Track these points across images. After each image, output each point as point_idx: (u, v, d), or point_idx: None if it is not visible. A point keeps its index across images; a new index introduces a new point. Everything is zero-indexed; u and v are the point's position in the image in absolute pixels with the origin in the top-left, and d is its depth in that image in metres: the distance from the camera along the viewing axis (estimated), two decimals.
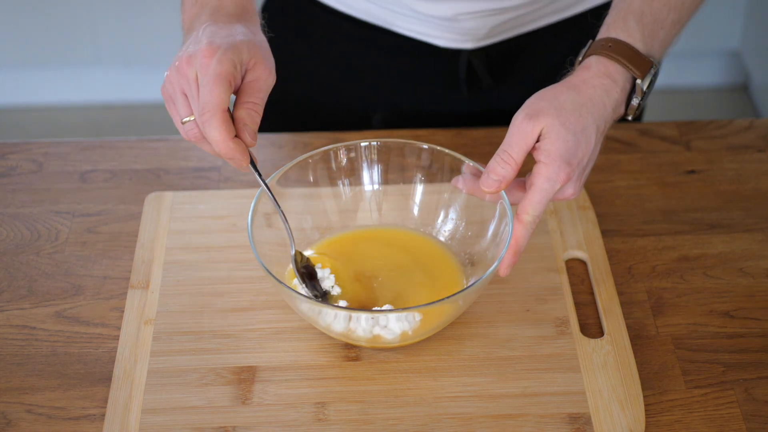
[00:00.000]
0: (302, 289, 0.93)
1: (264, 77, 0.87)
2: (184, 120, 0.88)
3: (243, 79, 0.87)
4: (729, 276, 1.02)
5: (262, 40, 0.90)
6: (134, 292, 0.99)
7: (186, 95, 0.87)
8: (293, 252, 0.94)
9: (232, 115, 0.86)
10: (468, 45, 1.20)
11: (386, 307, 0.93)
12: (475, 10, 1.14)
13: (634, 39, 0.94)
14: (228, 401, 0.90)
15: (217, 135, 0.84)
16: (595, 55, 0.94)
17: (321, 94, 1.29)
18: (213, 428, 0.88)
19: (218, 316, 0.97)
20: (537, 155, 0.89)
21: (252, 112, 0.86)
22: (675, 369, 0.93)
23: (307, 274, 0.95)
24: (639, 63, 0.93)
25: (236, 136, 0.85)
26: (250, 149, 0.88)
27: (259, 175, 0.90)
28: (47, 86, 2.60)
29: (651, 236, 1.06)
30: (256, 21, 0.94)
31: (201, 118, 0.84)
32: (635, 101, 0.95)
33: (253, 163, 0.89)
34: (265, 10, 1.30)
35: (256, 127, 0.86)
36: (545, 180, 0.88)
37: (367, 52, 1.25)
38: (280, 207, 0.93)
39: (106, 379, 0.92)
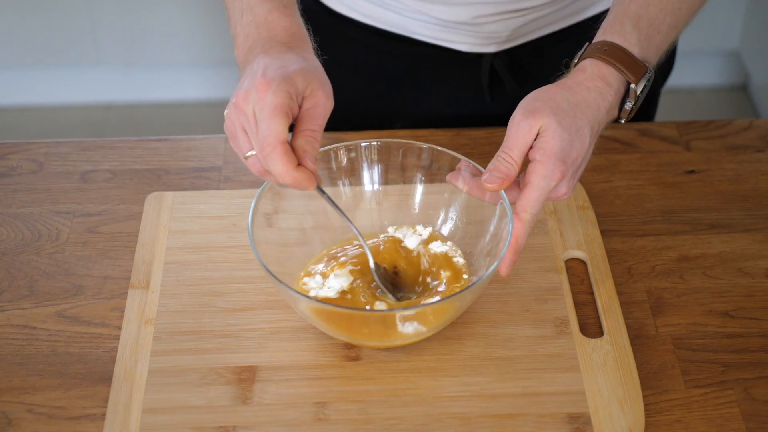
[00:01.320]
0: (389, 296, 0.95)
1: (322, 103, 0.87)
2: (247, 155, 0.88)
3: (301, 106, 0.87)
4: (729, 276, 1.02)
5: (316, 65, 0.91)
6: (134, 292, 0.99)
7: (246, 131, 0.88)
8: (373, 265, 0.95)
9: (291, 144, 0.86)
10: (491, 49, 1.20)
11: (397, 307, 0.93)
12: (493, 12, 1.14)
13: (630, 43, 0.95)
14: (228, 401, 0.90)
15: (281, 167, 0.84)
16: (590, 58, 0.94)
17: (342, 103, 1.29)
18: (213, 428, 0.88)
19: (218, 316, 0.97)
20: (532, 154, 0.90)
21: (311, 139, 0.86)
22: (675, 369, 0.94)
23: (389, 279, 0.96)
24: (634, 67, 0.94)
25: (299, 164, 0.86)
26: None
27: (327, 196, 0.91)
28: (47, 86, 2.60)
29: (651, 236, 1.06)
30: (308, 46, 0.94)
31: (262, 152, 0.85)
32: (628, 105, 0.95)
33: (319, 186, 0.90)
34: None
35: (317, 153, 0.87)
36: (541, 178, 0.89)
37: (387, 60, 1.25)
38: (354, 226, 0.94)
39: (107, 379, 0.93)
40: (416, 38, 1.21)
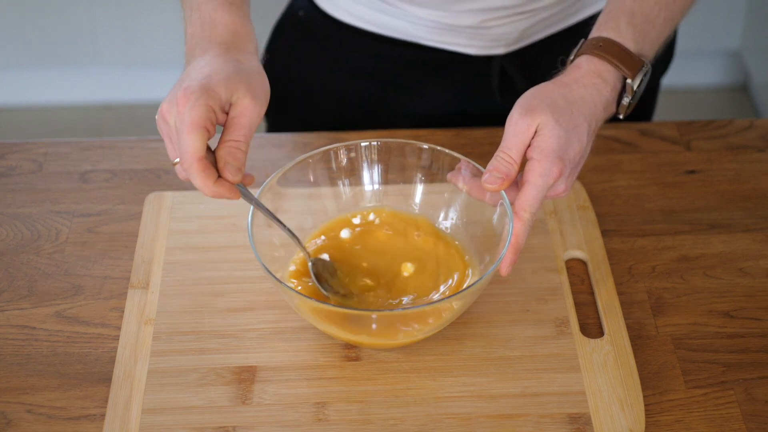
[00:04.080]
0: (322, 289, 0.94)
1: (248, 112, 0.86)
2: (174, 162, 0.89)
3: (228, 113, 0.87)
4: (729, 276, 1.02)
5: (251, 68, 0.89)
6: (134, 292, 0.99)
7: (171, 140, 0.88)
8: (310, 264, 0.95)
9: (216, 154, 0.86)
10: (499, 51, 1.19)
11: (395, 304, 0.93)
12: (500, 15, 1.14)
13: (625, 38, 0.95)
14: (228, 401, 0.90)
15: (199, 182, 0.85)
16: (585, 54, 0.94)
17: (350, 111, 1.29)
18: (213, 428, 0.88)
19: (218, 316, 0.97)
20: (530, 152, 0.90)
21: (233, 149, 0.86)
22: (675, 369, 0.94)
23: (326, 273, 0.96)
24: (630, 63, 0.94)
25: (220, 176, 0.86)
26: (248, 174, 0.89)
27: (256, 201, 0.91)
28: (47, 86, 2.60)
29: (651, 236, 1.06)
30: (249, 46, 0.93)
31: (182, 166, 0.85)
32: (626, 100, 0.95)
33: (245, 193, 0.89)
34: (284, 32, 1.29)
35: (240, 163, 0.86)
36: (539, 176, 0.89)
37: (392, 65, 1.24)
38: (288, 228, 0.93)
39: (106, 379, 0.92)
40: (423, 43, 1.21)
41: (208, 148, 0.86)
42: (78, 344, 0.96)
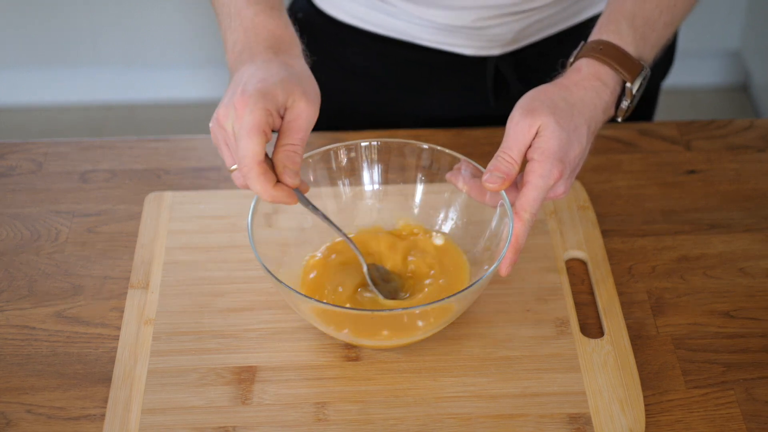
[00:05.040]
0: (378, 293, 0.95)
1: (304, 115, 0.86)
2: (231, 169, 0.89)
3: (284, 117, 0.87)
4: (729, 276, 1.02)
5: (301, 71, 0.90)
6: (134, 292, 0.99)
7: (228, 146, 0.88)
8: (366, 268, 0.95)
9: (272, 159, 0.86)
10: (495, 52, 1.19)
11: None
12: (495, 14, 1.14)
13: (625, 42, 0.95)
14: (228, 401, 0.90)
15: (258, 187, 0.84)
16: (586, 57, 0.94)
17: (343, 108, 1.29)
18: (213, 428, 0.88)
19: (218, 316, 0.97)
20: (530, 153, 0.90)
21: (291, 153, 0.86)
22: (675, 369, 0.93)
23: (381, 278, 0.96)
24: (629, 66, 0.94)
25: (279, 181, 0.86)
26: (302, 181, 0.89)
27: (313, 207, 0.91)
28: (47, 86, 2.60)
29: (651, 236, 1.06)
30: (296, 49, 0.93)
31: (241, 171, 0.85)
32: (625, 104, 0.95)
33: (303, 198, 0.89)
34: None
35: (297, 167, 0.86)
36: (539, 177, 0.89)
37: (389, 65, 1.24)
38: (344, 233, 0.94)
39: (106, 379, 0.92)
40: (418, 43, 1.21)
41: (266, 154, 0.85)
42: (78, 344, 0.96)
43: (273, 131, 0.87)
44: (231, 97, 0.87)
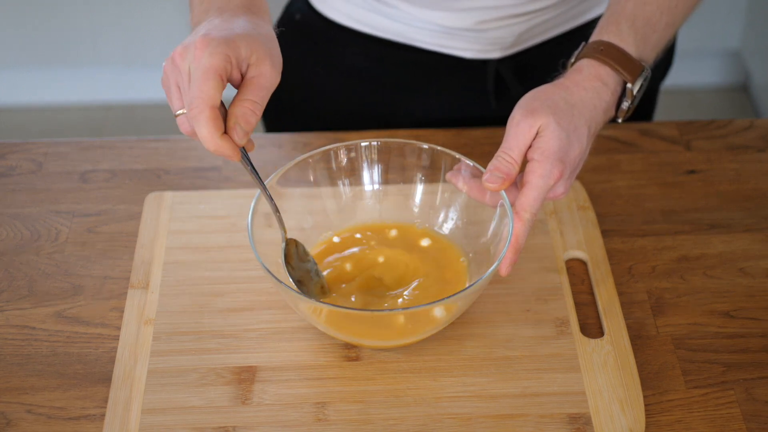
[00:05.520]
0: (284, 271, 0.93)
1: (267, 74, 0.83)
2: (177, 113, 0.85)
3: (245, 75, 0.84)
4: (729, 276, 1.02)
5: (268, 34, 0.86)
6: (134, 292, 0.99)
7: (180, 88, 0.85)
8: (284, 243, 0.93)
9: (229, 111, 0.83)
10: (495, 55, 1.19)
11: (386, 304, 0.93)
12: (496, 17, 1.13)
13: (626, 43, 0.95)
14: (228, 401, 0.90)
15: (205, 132, 0.80)
16: (586, 58, 0.94)
17: (343, 109, 1.29)
18: (213, 428, 0.88)
19: (218, 316, 0.97)
20: (531, 153, 0.90)
21: (248, 110, 0.82)
22: (675, 369, 0.93)
23: (298, 256, 0.94)
24: (630, 67, 0.94)
25: (226, 132, 0.82)
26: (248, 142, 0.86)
27: (253, 169, 0.88)
28: (47, 86, 2.60)
29: (651, 236, 1.06)
30: (265, 15, 0.90)
31: (190, 113, 0.81)
32: (625, 104, 0.95)
33: (246, 157, 0.86)
34: (281, 35, 1.30)
35: (250, 127, 0.82)
36: (539, 177, 0.89)
37: (389, 68, 1.24)
38: (274, 202, 0.92)
39: (106, 379, 0.92)
40: (419, 46, 1.21)
41: (222, 103, 0.82)
42: (78, 344, 0.96)
43: (232, 84, 0.84)
44: (192, 38, 0.83)
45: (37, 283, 1.02)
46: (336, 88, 1.28)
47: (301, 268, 0.94)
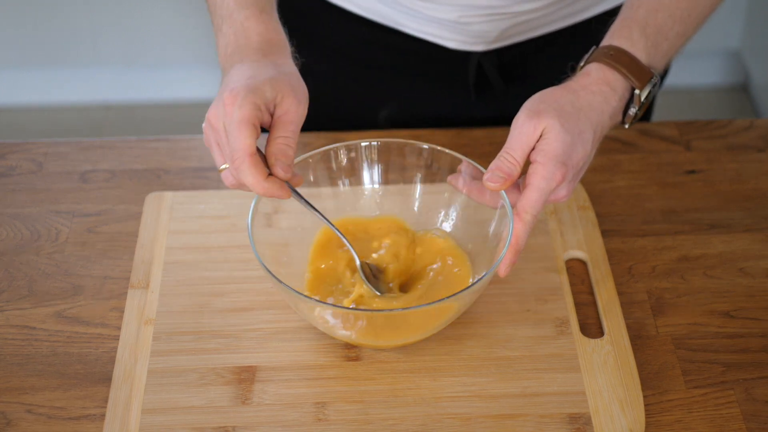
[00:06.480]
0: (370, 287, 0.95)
1: (293, 109, 0.88)
2: (220, 168, 0.89)
3: (274, 114, 0.88)
4: (729, 276, 1.02)
5: (290, 71, 0.91)
6: (134, 292, 0.99)
7: (219, 145, 0.89)
8: (359, 263, 0.95)
9: (265, 152, 0.87)
10: (478, 48, 1.19)
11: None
12: (479, 13, 1.14)
13: (637, 49, 0.94)
14: (228, 401, 0.90)
15: (250, 178, 0.85)
16: (596, 62, 0.94)
17: (328, 91, 1.29)
18: (213, 428, 0.88)
19: (218, 316, 0.97)
20: (534, 155, 0.90)
21: (283, 146, 0.87)
22: (675, 369, 0.93)
23: (372, 274, 0.97)
24: (639, 73, 0.93)
25: (270, 174, 0.87)
26: (295, 178, 0.90)
27: (305, 201, 0.92)
28: (47, 86, 2.60)
29: (651, 236, 1.06)
30: (284, 51, 0.94)
31: (233, 165, 0.86)
32: (632, 111, 0.95)
33: (295, 192, 0.90)
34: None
35: (290, 159, 0.87)
36: (542, 179, 0.89)
37: (375, 51, 1.24)
38: (337, 229, 0.94)
39: (106, 379, 0.92)
40: (405, 31, 1.21)
41: (257, 148, 0.86)
42: (78, 344, 0.96)
43: (263, 131, 0.87)
44: (220, 96, 0.88)
45: (37, 283, 1.02)
46: (320, 65, 1.28)
47: (377, 284, 0.96)
